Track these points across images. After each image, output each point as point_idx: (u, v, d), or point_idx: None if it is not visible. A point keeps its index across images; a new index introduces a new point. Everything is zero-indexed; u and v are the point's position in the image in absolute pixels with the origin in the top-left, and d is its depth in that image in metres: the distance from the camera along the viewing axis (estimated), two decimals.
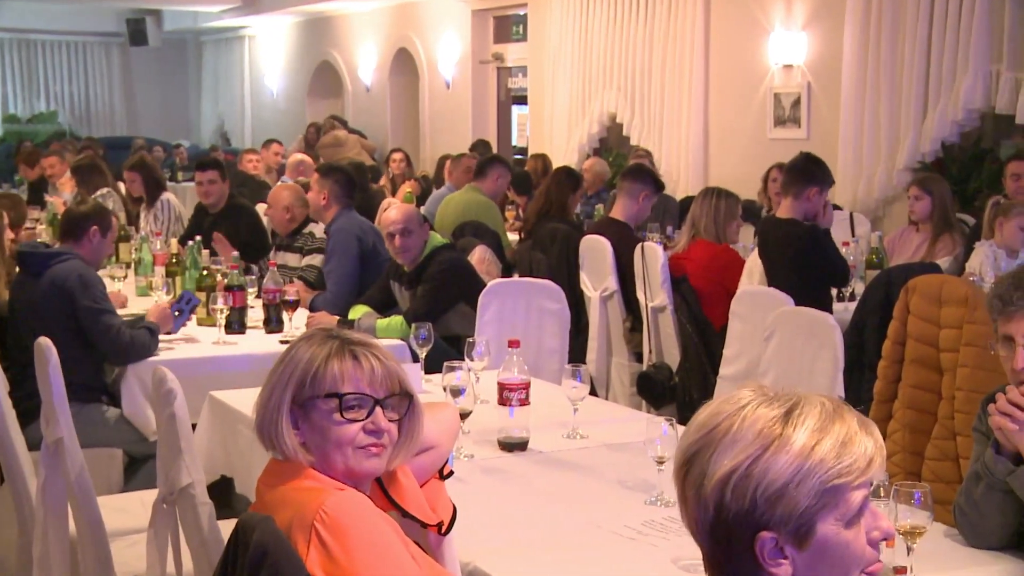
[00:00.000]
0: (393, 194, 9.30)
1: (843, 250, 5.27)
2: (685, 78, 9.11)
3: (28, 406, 3.50)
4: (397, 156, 10.52)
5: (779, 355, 3.59)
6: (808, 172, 4.94)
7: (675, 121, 9.26)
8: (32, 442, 3.29)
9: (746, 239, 5.99)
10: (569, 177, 6.77)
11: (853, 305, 4.55)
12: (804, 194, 4.87)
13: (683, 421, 2.78)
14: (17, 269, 4.46)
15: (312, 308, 4.98)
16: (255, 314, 4.75)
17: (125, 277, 5.64)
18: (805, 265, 4.80)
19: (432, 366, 3.60)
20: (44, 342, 3.00)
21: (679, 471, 1.42)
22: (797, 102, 8.28)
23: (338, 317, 4.74)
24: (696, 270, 5.23)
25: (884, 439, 1.43)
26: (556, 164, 8.52)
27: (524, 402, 3.04)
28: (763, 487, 1.33)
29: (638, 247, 5.44)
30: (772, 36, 8.40)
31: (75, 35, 18.99)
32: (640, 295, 5.42)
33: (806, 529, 1.35)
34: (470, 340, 3.45)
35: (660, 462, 2.57)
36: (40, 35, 18.77)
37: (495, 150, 10.74)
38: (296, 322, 4.61)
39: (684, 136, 9.18)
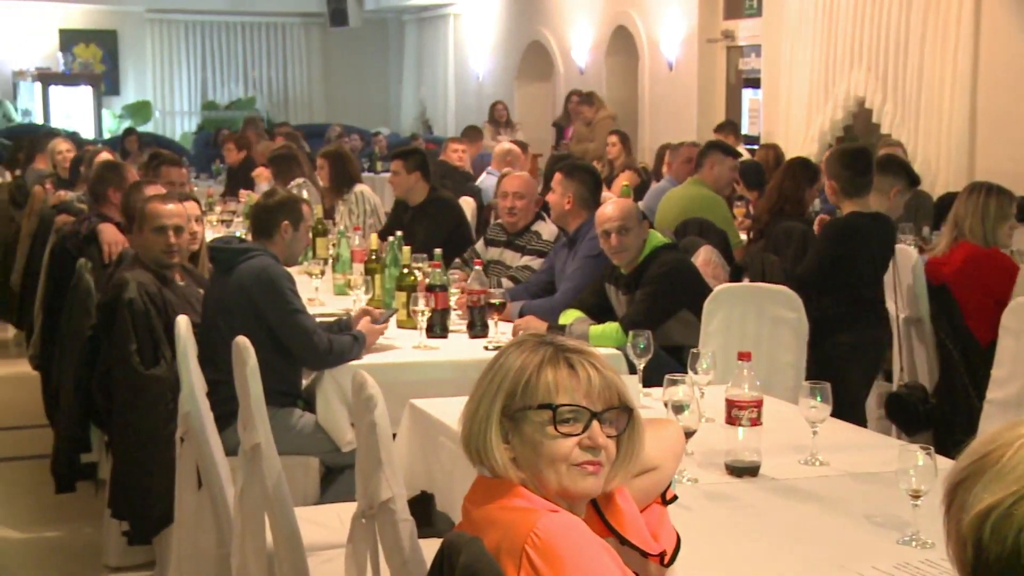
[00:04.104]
0: (608, 185, 9.31)
1: None
2: (949, 55, 8.76)
3: (223, 410, 3.68)
4: (612, 139, 10.49)
5: None
6: None
7: (935, 106, 8.92)
8: (226, 448, 3.48)
9: (1020, 243, 5.73)
10: (805, 169, 6.62)
11: None
12: None
13: (941, 450, 2.69)
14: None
15: (523, 314, 5.02)
16: (458, 317, 4.85)
17: (322, 274, 5.86)
18: None
19: (650, 379, 3.59)
20: (242, 342, 3.15)
21: (943, 501, 1.39)
22: None
23: (547, 322, 4.79)
24: (958, 277, 5.04)
25: None
26: (793, 154, 8.34)
27: (755, 422, 2.99)
28: None
29: None
30: None
31: (275, 16, 19.93)
32: (890, 304, 5.27)
33: None
34: (694, 351, 3.43)
35: (915, 496, 2.49)
36: (241, 16, 19.79)
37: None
38: (502, 327, 4.68)
39: (946, 123, 8.84)
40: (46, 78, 18.57)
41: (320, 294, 5.55)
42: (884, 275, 5.08)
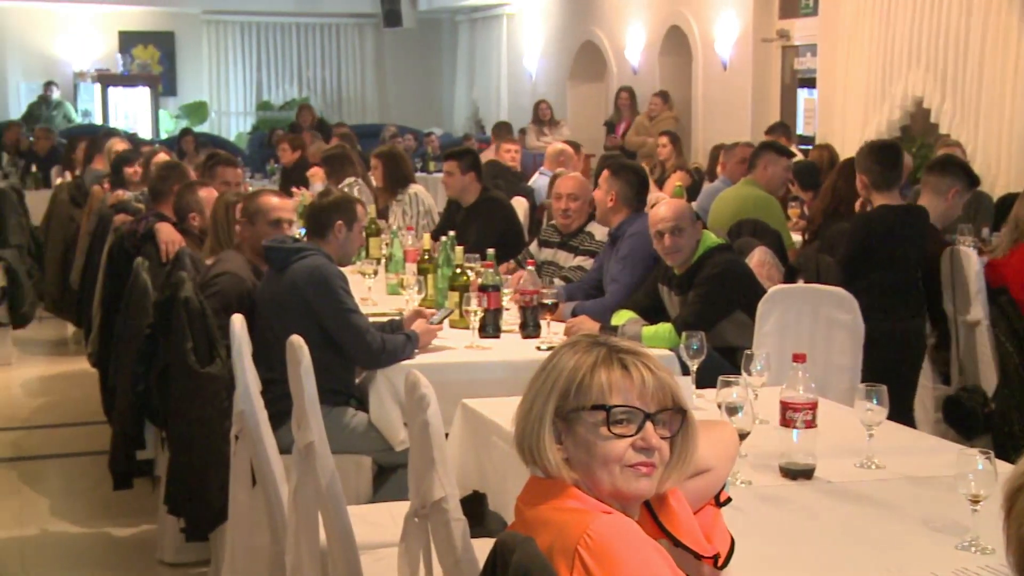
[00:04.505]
0: (660, 186, 9.28)
1: None
2: (1011, 54, 8.63)
3: (277, 409, 3.71)
4: (663, 140, 10.47)
5: None
6: None
7: (995, 105, 8.80)
8: (280, 446, 3.50)
9: None
10: None
11: None
12: None
13: (1001, 455, 2.66)
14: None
15: (575, 314, 5.02)
16: (510, 316, 4.86)
17: (375, 273, 5.88)
18: None
19: (704, 380, 3.58)
20: (296, 341, 3.17)
21: (1003, 506, 1.38)
22: None
23: (599, 323, 4.78)
24: (1019, 279, 4.98)
25: None
26: (849, 155, 8.25)
27: (810, 424, 2.97)
28: None
29: (946, 251, 5.24)
30: None
31: (329, 17, 20.07)
32: (948, 307, 5.21)
33: None
34: (748, 352, 3.42)
35: (975, 501, 2.46)
36: (295, 17, 19.95)
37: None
38: (554, 327, 4.68)
39: (1006, 123, 8.71)
40: (105, 79, 18.82)
41: (373, 294, 5.57)
42: (917, 266, 5.16)
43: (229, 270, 4.56)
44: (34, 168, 12.14)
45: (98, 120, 18.21)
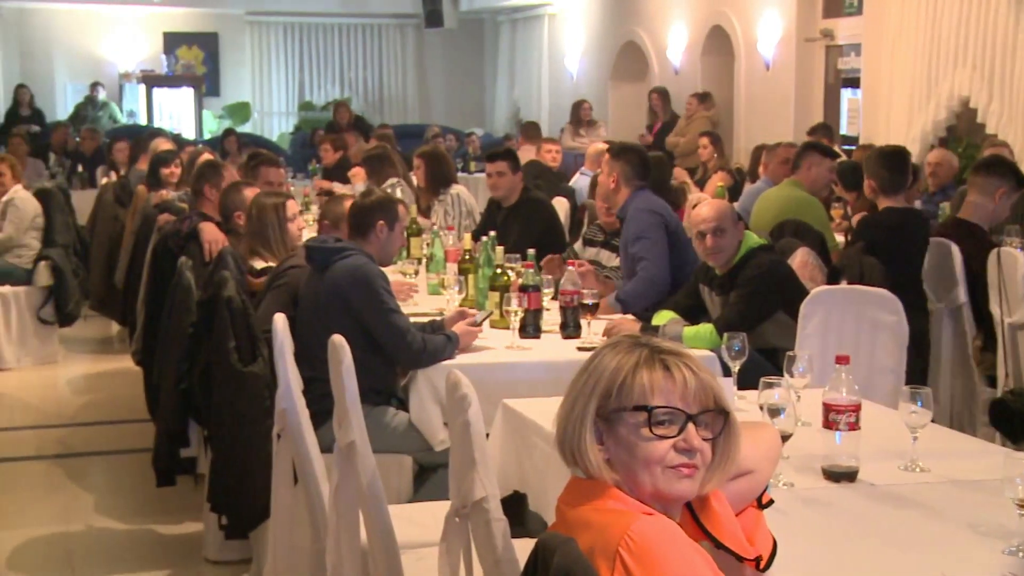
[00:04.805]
0: (701, 187, 9.24)
1: None
2: None
3: (318, 408, 3.72)
4: (704, 141, 10.43)
5: None
6: None
7: None
8: (321, 445, 3.52)
9: None
10: None
11: None
12: None
13: None
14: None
15: (621, 301, 5.07)
16: (550, 317, 4.86)
17: (416, 273, 5.90)
18: None
19: (745, 381, 3.56)
20: (338, 340, 3.18)
21: None
22: None
23: (640, 323, 4.77)
24: None
25: None
26: None
27: (853, 426, 2.95)
28: None
29: (993, 253, 5.19)
30: None
31: (371, 17, 20.15)
32: (994, 308, 5.16)
33: None
34: (790, 354, 3.40)
35: (1022, 505, 2.43)
36: (337, 18, 20.05)
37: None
38: (595, 327, 4.67)
39: None
40: (150, 80, 18.99)
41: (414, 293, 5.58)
42: (921, 267, 5.45)
43: (301, 264, 4.58)
44: (80, 168, 12.26)
45: (143, 120, 18.38)
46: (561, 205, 7.86)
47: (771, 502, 2.20)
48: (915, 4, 9.94)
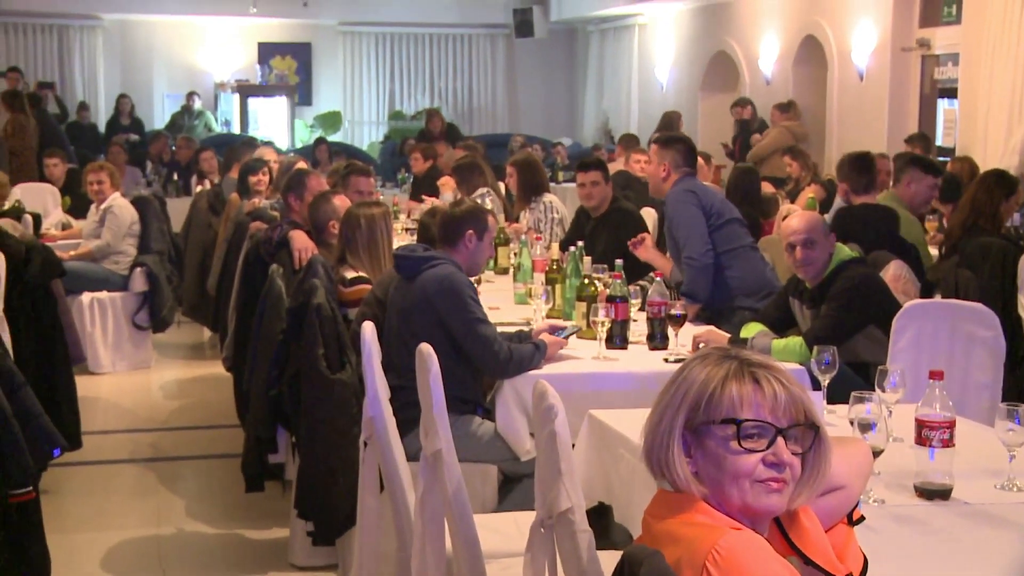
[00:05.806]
0: (792, 199, 9.14)
1: None
2: None
3: (404, 416, 3.74)
4: (786, 159, 10.37)
5: None
6: None
7: None
8: (407, 453, 3.54)
9: None
10: (1000, 182, 6.36)
11: None
12: None
13: None
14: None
15: (685, 295, 5.22)
16: (638, 328, 4.84)
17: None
18: None
19: (835, 395, 3.52)
20: (425, 349, 3.20)
21: None
22: None
23: (728, 335, 4.73)
24: None
25: None
26: (991, 167, 8.02)
27: (947, 443, 2.90)
28: None
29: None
30: None
31: (462, 27, 20.27)
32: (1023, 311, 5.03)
33: None
34: (882, 368, 3.35)
35: None
36: (428, 28, 20.20)
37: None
38: (682, 339, 4.64)
39: None
40: (245, 90, 19.30)
41: (499, 300, 5.59)
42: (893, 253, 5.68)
43: None
44: (175, 176, 12.51)
45: (237, 130, 18.69)
46: (649, 215, 7.82)
47: (862, 519, 2.17)
48: (1016, 13, 9.73)
